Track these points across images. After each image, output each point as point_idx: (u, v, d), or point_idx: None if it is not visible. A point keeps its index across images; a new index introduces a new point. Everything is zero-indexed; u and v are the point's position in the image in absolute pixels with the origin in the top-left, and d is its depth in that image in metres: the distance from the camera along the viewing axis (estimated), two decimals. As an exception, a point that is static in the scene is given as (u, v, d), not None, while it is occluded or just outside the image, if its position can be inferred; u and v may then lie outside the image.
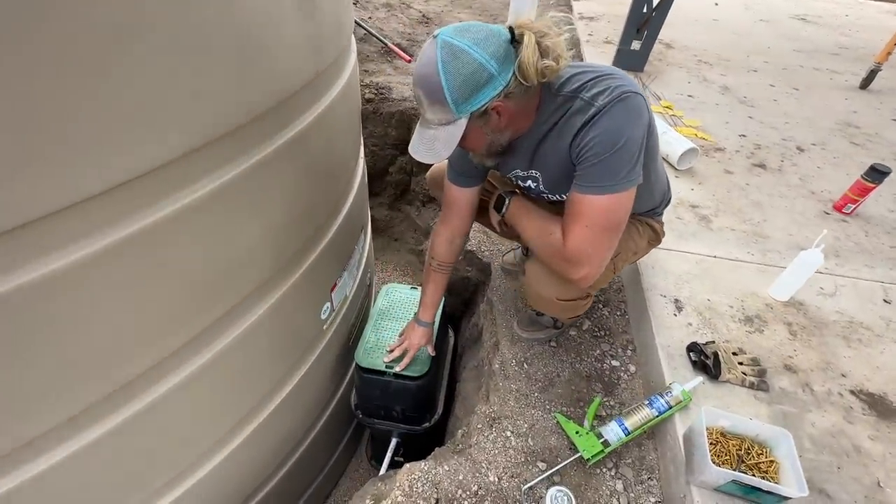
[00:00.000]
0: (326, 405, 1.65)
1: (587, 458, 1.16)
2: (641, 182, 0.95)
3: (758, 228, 1.83)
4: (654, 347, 1.36)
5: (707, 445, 0.99)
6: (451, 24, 0.85)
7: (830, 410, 1.22)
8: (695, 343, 1.31)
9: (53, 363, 0.73)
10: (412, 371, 1.44)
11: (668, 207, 1.35)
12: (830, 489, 1.07)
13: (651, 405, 1.17)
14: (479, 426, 1.32)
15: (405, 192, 3.09)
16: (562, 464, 1.19)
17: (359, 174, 1.57)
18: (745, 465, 1.03)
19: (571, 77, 0.95)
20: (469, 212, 1.25)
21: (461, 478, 1.19)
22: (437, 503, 1.14)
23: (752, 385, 1.24)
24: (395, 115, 2.75)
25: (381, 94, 2.83)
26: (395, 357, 1.43)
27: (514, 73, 0.85)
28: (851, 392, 1.27)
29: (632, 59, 3.04)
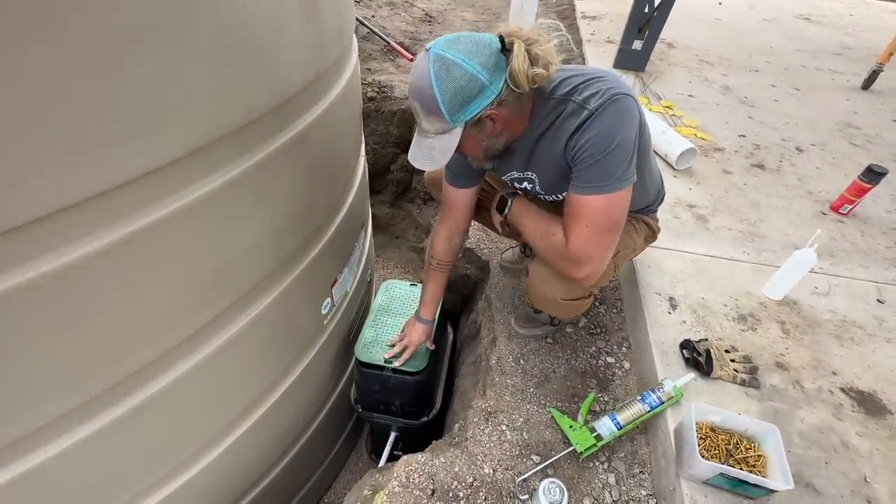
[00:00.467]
0: (327, 399, 1.68)
1: (580, 452, 1.19)
2: (636, 180, 0.97)
3: (754, 228, 1.84)
4: (648, 344, 1.38)
5: (696, 439, 1.02)
6: (443, 37, 0.88)
7: (820, 407, 1.24)
8: (688, 340, 1.34)
9: (59, 355, 0.75)
10: (411, 366, 1.47)
11: (666, 206, 1.38)
12: (818, 483, 1.09)
13: (643, 401, 1.20)
14: (476, 420, 1.35)
15: (406, 190, 3.12)
16: (555, 457, 1.22)
17: (359, 172, 1.60)
18: (734, 459, 1.05)
19: (563, 81, 0.97)
20: (467, 211, 1.28)
21: (457, 469, 1.22)
22: (433, 493, 1.17)
23: (744, 382, 1.27)
24: (397, 114, 2.78)
25: (384, 93, 2.86)
26: (396, 353, 1.46)
27: (506, 81, 0.87)
28: (842, 389, 1.29)
29: (633, 59, 3.06)
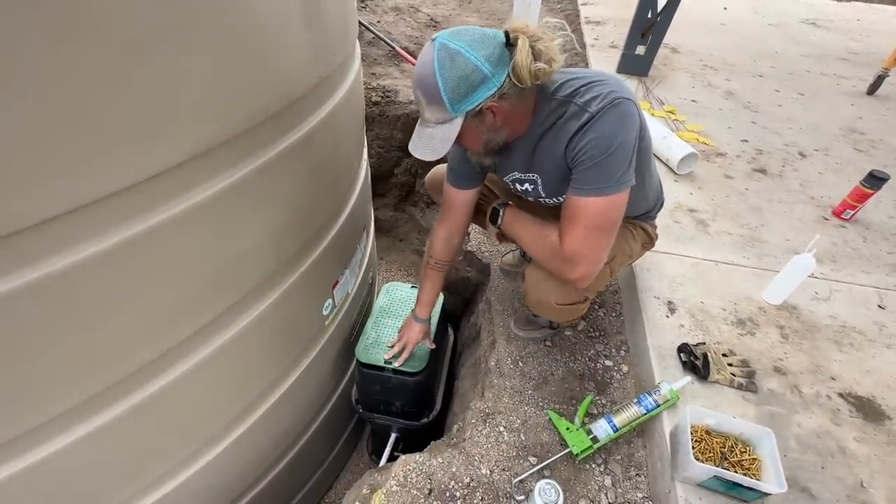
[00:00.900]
0: (327, 400, 1.70)
1: (576, 454, 1.20)
2: (634, 184, 0.99)
3: (755, 233, 1.85)
4: (646, 348, 1.39)
5: (690, 442, 1.02)
6: (450, 28, 0.90)
7: (818, 412, 1.24)
8: (685, 344, 1.34)
9: (63, 354, 0.77)
10: (410, 367, 1.49)
11: (666, 211, 1.39)
12: (814, 488, 1.09)
13: (639, 403, 1.21)
14: (474, 421, 1.37)
15: (410, 194, 3.14)
16: (552, 458, 1.23)
17: (362, 175, 1.62)
18: (728, 462, 1.06)
19: (565, 82, 0.99)
20: (467, 212, 1.30)
21: (454, 470, 1.23)
22: (430, 493, 1.18)
23: (741, 386, 1.27)
24: (401, 118, 2.81)
25: (388, 97, 2.89)
26: (395, 353, 1.48)
27: (509, 75, 0.88)
28: (840, 395, 1.29)
29: (636, 64, 3.07)
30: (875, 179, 1.82)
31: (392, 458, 1.62)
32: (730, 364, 1.32)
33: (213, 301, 0.99)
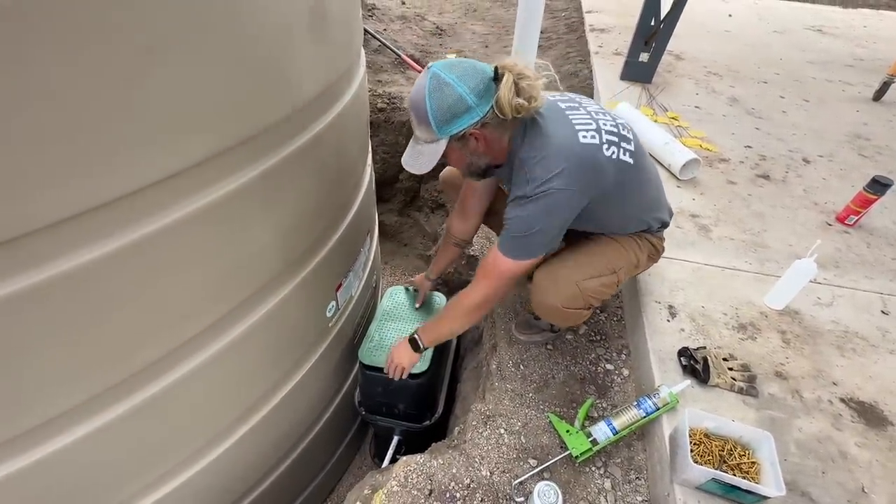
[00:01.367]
0: (330, 402, 1.72)
1: (576, 456, 1.20)
2: (554, 248, 1.16)
3: (757, 238, 1.85)
4: (647, 352, 1.39)
5: (688, 444, 1.03)
6: (444, 60, 1.01)
7: (819, 417, 1.24)
8: (685, 348, 1.35)
9: (72, 352, 0.80)
10: (413, 369, 1.50)
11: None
12: (814, 493, 1.09)
13: (639, 406, 1.21)
14: (475, 423, 1.38)
15: (414, 199, 3.18)
16: (551, 461, 1.23)
17: (366, 180, 1.65)
18: (727, 466, 1.06)
19: (532, 141, 1.07)
20: (479, 197, 1.41)
21: (454, 471, 1.24)
22: (431, 494, 1.19)
23: (741, 390, 1.27)
24: (406, 125, 2.85)
25: (393, 104, 2.93)
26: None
27: (493, 107, 0.99)
28: (841, 400, 1.29)
29: (640, 71, 3.09)
30: (879, 185, 1.82)
31: (394, 461, 1.63)
32: (730, 368, 1.32)
33: (219, 302, 1.02)
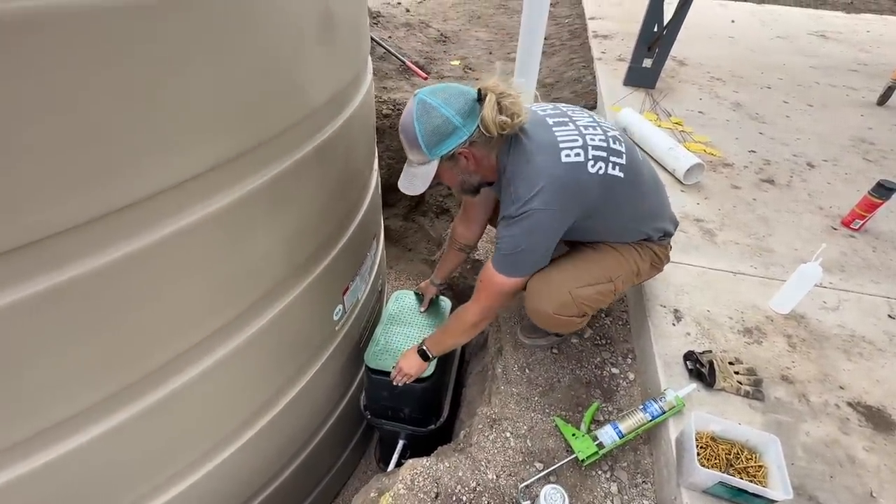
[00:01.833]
0: (337, 405, 1.73)
1: (582, 459, 1.20)
2: (544, 265, 1.21)
3: (762, 243, 1.85)
4: (652, 356, 1.40)
5: (695, 447, 1.03)
6: (429, 86, 1.06)
7: (826, 421, 1.24)
8: (691, 352, 1.35)
9: (84, 354, 0.82)
10: (418, 373, 1.51)
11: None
12: (822, 497, 1.09)
13: (645, 410, 1.22)
14: (481, 427, 1.38)
15: (419, 204, 3.19)
16: (557, 464, 1.24)
17: (372, 185, 1.67)
18: (734, 469, 1.06)
19: (518, 161, 1.10)
20: (486, 199, 1.43)
21: (461, 474, 1.25)
22: (437, 497, 1.20)
23: (747, 394, 1.27)
24: (411, 130, 2.86)
25: (398, 110, 2.96)
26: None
27: (478, 126, 1.04)
28: (849, 404, 1.28)
29: (643, 77, 3.10)
30: (884, 189, 1.82)
31: (399, 465, 1.63)
32: (736, 372, 1.32)
33: (229, 305, 1.04)
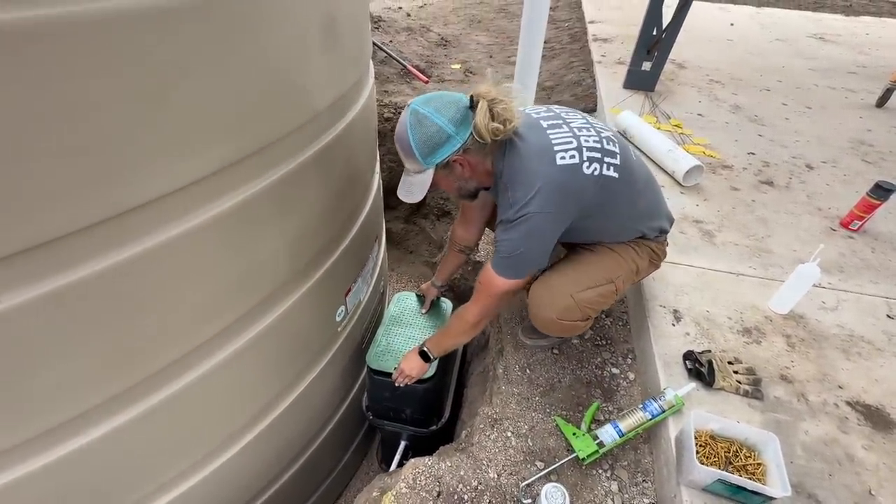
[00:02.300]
0: (339, 406, 1.74)
1: (582, 458, 1.21)
2: (544, 265, 1.20)
3: (761, 244, 1.86)
4: (652, 356, 1.41)
5: (694, 445, 1.04)
6: (423, 95, 1.08)
7: (825, 420, 1.25)
8: (691, 352, 1.36)
9: (92, 353, 0.83)
10: (419, 374, 1.52)
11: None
12: (821, 495, 1.09)
13: (645, 409, 1.23)
14: (482, 426, 1.39)
15: (420, 207, 3.21)
16: (558, 463, 1.25)
17: (374, 188, 1.69)
18: (733, 467, 1.07)
19: (514, 165, 1.11)
20: (485, 201, 1.44)
21: (462, 473, 1.26)
22: (439, 496, 1.21)
23: (747, 393, 1.28)
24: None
25: (400, 114, 2.98)
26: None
27: (472, 133, 1.06)
28: (847, 403, 1.29)
29: (642, 80, 3.12)
30: (882, 190, 1.83)
31: (401, 466, 1.64)
32: (735, 371, 1.33)
33: (233, 306, 1.05)
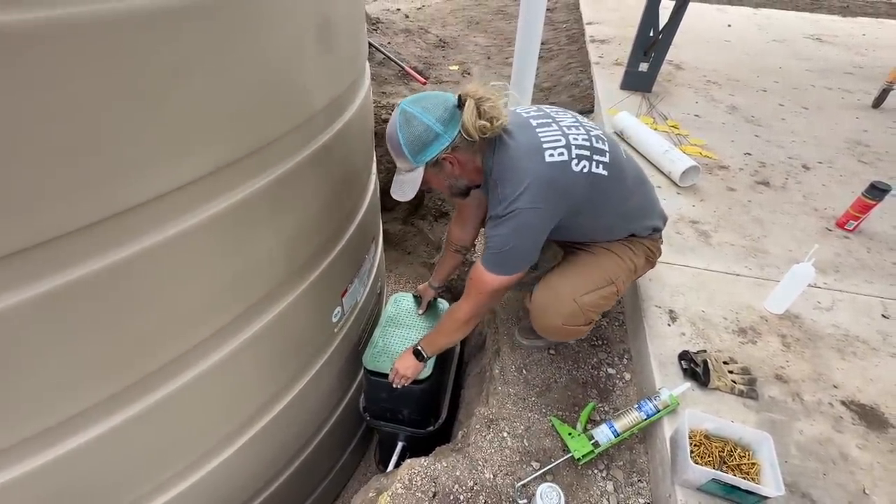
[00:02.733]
0: (336, 407, 1.74)
1: (577, 458, 1.22)
2: (535, 261, 1.19)
3: (757, 244, 1.87)
4: (648, 356, 1.41)
5: (688, 445, 1.04)
6: (411, 96, 1.10)
7: (819, 419, 1.25)
8: (686, 352, 1.37)
9: (89, 352, 0.83)
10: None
11: (668, 223, 1.43)
12: (815, 494, 1.10)
13: (640, 409, 1.23)
14: (478, 427, 1.39)
15: (418, 208, 3.22)
16: (553, 463, 1.25)
17: (370, 189, 1.69)
18: (727, 467, 1.07)
19: (503, 163, 1.12)
20: (480, 201, 1.44)
21: (458, 474, 1.26)
22: (435, 496, 1.21)
23: (742, 393, 1.28)
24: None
25: (397, 115, 2.98)
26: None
27: (460, 132, 1.07)
28: (842, 402, 1.30)
29: (639, 81, 3.13)
30: (877, 190, 1.84)
31: (399, 467, 1.64)
32: (730, 371, 1.33)
33: (229, 306, 1.06)
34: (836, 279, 1.71)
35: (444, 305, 1.79)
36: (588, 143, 1.13)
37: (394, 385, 1.47)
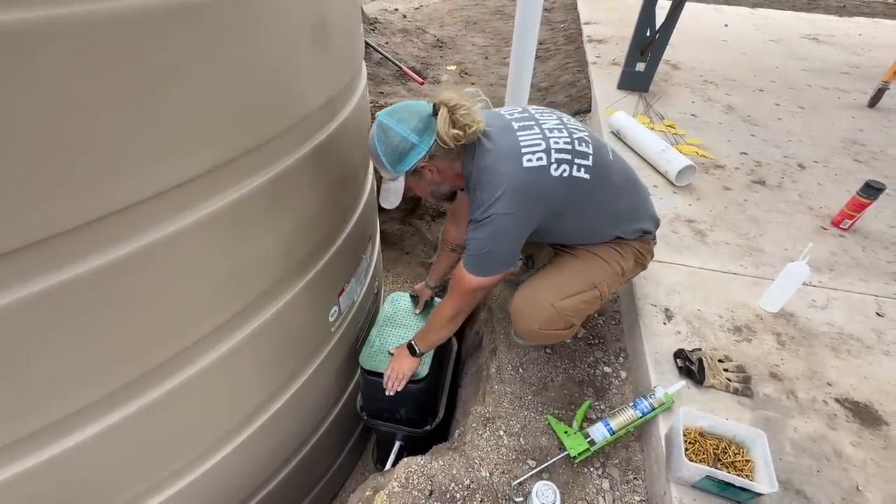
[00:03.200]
0: (333, 406, 1.75)
1: (573, 456, 1.22)
2: (513, 267, 1.23)
3: (753, 243, 1.87)
4: (643, 354, 1.42)
5: (682, 442, 1.05)
6: (388, 108, 1.13)
7: (813, 417, 1.26)
8: (681, 350, 1.37)
9: (87, 351, 0.83)
10: (413, 375, 1.53)
11: (664, 221, 1.44)
12: (809, 491, 1.10)
13: (635, 407, 1.24)
14: (475, 425, 1.40)
15: (416, 208, 3.22)
16: (550, 461, 1.25)
17: (367, 188, 1.69)
18: (722, 464, 1.08)
19: (481, 167, 1.13)
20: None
21: (454, 472, 1.26)
22: (431, 494, 1.21)
23: (737, 391, 1.29)
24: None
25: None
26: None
27: (436, 140, 1.09)
28: (836, 400, 1.30)
29: (636, 81, 3.14)
30: (871, 189, 1.85)
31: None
32: (725, 369, 1.34)
33: (225, 305, 1.06)
34: (831, 278, 1.72)
35: None
36: (570, 147, 1.13)
37: (391, 384, 1.47)
